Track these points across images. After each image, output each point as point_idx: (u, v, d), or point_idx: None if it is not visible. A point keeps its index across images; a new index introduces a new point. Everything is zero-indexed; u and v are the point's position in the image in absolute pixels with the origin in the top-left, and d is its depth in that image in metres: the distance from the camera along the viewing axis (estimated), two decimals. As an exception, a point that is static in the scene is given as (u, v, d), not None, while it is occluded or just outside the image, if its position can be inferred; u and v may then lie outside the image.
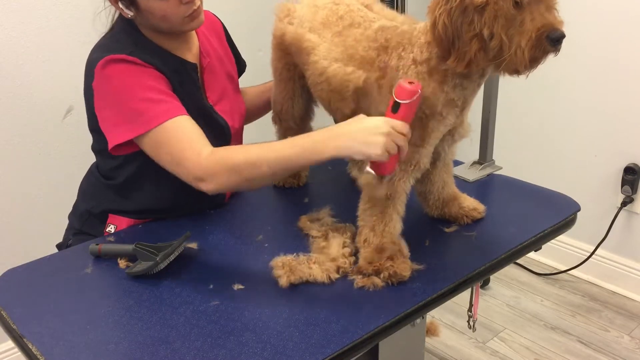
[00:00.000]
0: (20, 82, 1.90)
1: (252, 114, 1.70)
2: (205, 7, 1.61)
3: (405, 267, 1.16)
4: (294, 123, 1.49)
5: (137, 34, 1.33)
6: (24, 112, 1.92)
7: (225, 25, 1.59)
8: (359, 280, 1.15)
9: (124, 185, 1.42)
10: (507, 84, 1.39)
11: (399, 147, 1.07)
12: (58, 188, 2.02)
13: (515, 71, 1.07)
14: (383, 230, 1.19)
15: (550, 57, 1.07)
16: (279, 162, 1.14)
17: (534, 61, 1.05)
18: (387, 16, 1.27)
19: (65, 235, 1.56)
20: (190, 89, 1.38)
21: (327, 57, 1.27)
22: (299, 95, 1.45)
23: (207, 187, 1.21)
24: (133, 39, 1.32)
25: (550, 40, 1.02)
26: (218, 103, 1.46)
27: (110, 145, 1.30)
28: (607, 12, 2.17)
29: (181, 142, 1.23)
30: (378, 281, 1.14)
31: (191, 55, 1.42)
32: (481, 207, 1.39)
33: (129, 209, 1.43)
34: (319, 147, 1.11)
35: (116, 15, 1.37)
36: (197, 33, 1.45)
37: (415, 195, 1.38)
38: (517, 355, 2.10)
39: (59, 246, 1.56)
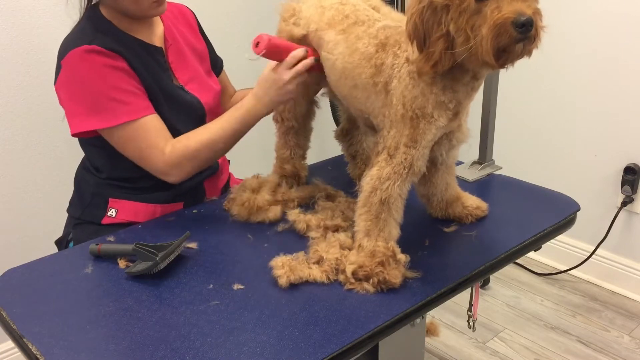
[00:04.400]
0: (19, 82, 1.90)
1: None
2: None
3: (396, 274, 1.13)
4: (296, 122, 1.49)
5: (101, 21, 1.39)
6: (23, 113, 1.93)
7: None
8: (349, 284, 1.14)
9: (116, 174, 1.47)
10: (507, 84, 1.39)
11: (303, 65, 1.31)
12: (58, 188, 2.02)
13: (485, 63, 1.03)
14: (377, 236, 1.17)
15: (538, 48, 1.03)
16: (231, 136, 1.39)
17: (503, 52, 1.01)
18: (394, 18, 1.26)
19: (65, 230, 1.56)
20: (156, 71, 1.43)
21: (328, 58, 1.27)
22: (302, 96, 1.45)
23: (172, 179, 1.40)
24: (96, 26, 1.37)
25: (515, 25, 0.97)
26: (188, 83, 1.51)
27: (72, 132, 1.38)
28: (607, 12, 2.17)
29: (147, 141, 1.36)
30: (369, 287, 1.13)
31: (156, 39, 1.48)
32: (484, 206, 1.39)
33: (128, 192, 1.47)
34: (255, 113, 1.37)
35: (84, 4, 1.41)
36: (162, 19, 1.52)
37: (415, 195, 1.38)
38: (517, 355, 2.10)
39: (58, 242, 1.56)
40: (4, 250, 1.97)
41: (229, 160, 1.72)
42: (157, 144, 1.36)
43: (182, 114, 1.45)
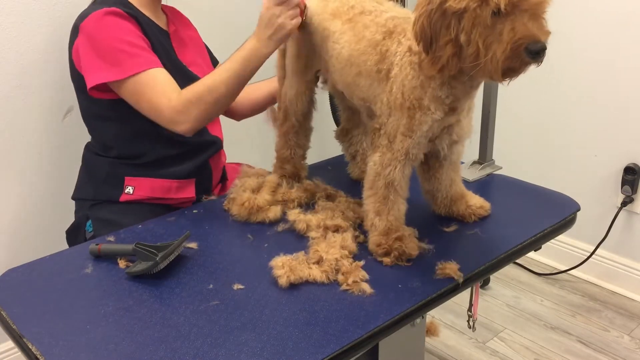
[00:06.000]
0: (19, 82, 1.90)
1: (246, 111, 1.81)
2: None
3: (413, 246, 1.21)
4: (297, 121, 1.49)
5: None
6: (23, 113, 1.92)
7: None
8: (345, 285, 1.14)
9: (125, 150, 1.53)
10: (507, 83, 1.39)
11: (296, 5, 1.35)
12: (57, 188, 2.02)
13: (490, 78, 1.06)
14: (388, 214, 1.22)
15: (533, 67, 1.05)
16: (233, 78, 1.40)
17: (510, 71, 1.04)
18: (399, 12, 1.27)
19: (76, 216, 1.57)
20: (166, 47, 1.55)
21: (334, 48, 1.29)
22: (304, 92, 1.47)
23: (181, 127, 1.41)
24: (115, 0, 1.48)
25: (529, 52, 0.99)
26: (190, 66, 1.61)
27: (88, 86, 1.44)
28: (607, 12, 2.17)
29: (157, 91, 1.40)
30: (365, 287, 1.13)
31: (162, 24, 1.60)
32: (487, 205, 1.40)
33: (141, 169, 1.53)
34: (255, 53, 1.38)
35: None
36: (164, 11, 1.63)
37: (415, 195, 1.37)
38: (517, 355, 2.10)
39: (69, 231, 1.57)
40: (4, 250, 1.97)
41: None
42: (165, 92, 1.40)
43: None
